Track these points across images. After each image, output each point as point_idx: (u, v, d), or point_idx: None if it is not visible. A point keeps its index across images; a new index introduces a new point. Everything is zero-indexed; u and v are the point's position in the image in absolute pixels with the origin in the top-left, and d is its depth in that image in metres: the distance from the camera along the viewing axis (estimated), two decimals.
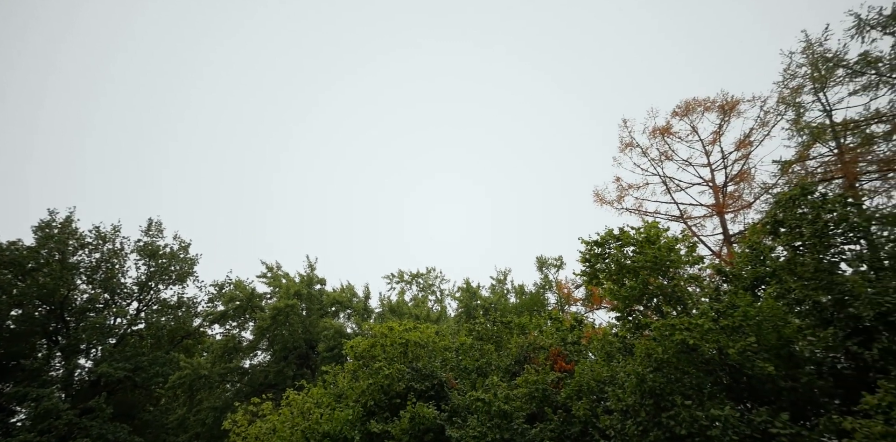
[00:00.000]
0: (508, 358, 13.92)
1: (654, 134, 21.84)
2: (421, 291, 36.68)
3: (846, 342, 6.92)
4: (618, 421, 9.14)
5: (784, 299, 8.05)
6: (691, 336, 7.90)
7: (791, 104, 18.00)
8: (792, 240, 9.10)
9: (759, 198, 18.95)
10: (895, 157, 15.00)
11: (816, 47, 17.05)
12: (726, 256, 17.64)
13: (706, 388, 7.84)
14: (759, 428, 6.58)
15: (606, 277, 11.12)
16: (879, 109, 15.90)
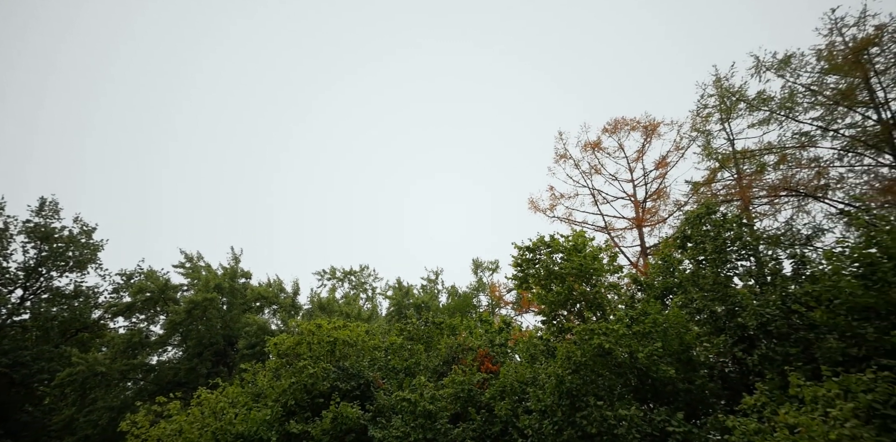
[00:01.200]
0: (437, 358, 14.09)
1: (586, 148, 23.26)
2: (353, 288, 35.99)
3: (733, 349, 7.84)
4: (536, 421, 9.59)
5: (687, 308, 8.93)
6: (607, 340, 8.50)
7: (702, 131, 20.01)
8: (697, 254, 10.12)
9: (672, 214, 20.91)
10: (781, 184, 17.23)
11: (724, 82, 19.05)
12: (642, 266, 19.23)
13: (617, 389, 8.48)
14: (658, 426, 7.24)
15: (536, 282, 11.62)
16: (770, 142, 18.19)
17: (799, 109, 17.38)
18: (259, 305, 27.16)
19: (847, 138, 16.31)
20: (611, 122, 22.78)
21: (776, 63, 17.31)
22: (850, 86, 15.99)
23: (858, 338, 6.33)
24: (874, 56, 15.44)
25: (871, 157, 15.90)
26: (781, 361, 7.02)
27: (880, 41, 15.23)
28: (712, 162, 19.20)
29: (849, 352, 6.32)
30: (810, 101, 17.09)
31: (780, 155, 17.63)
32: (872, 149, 15.63)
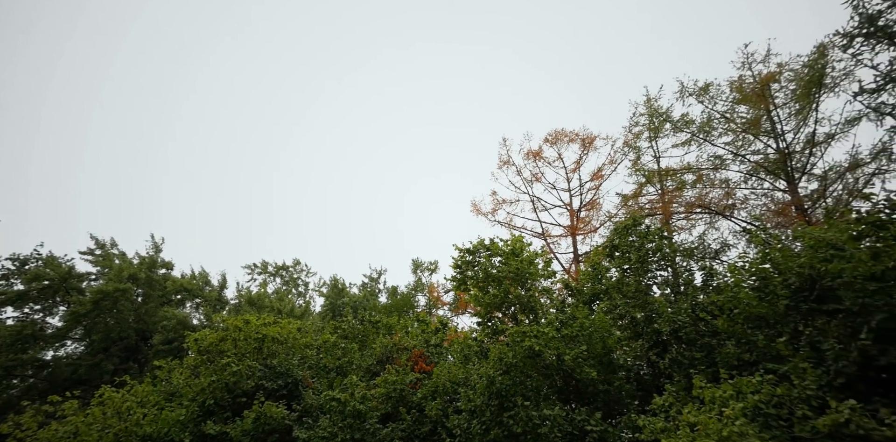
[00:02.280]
0: (371, 358, 13.96)
1: (528, 156, 24.18)
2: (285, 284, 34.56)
3: (649, 352, 8.57)
4: (465, 421, 9.83)
5: (611, 314, 9.61)
6: (538, 343, 8.93)
7: (633, 147, 21.58)
8: (622, 263, 10.91)
9: (603, 224, 22.32)
10: (696, 201, 19.04)
11: (653, 102, 20.65)
12: (574, 272, 20.37)
13: (543, 390, 8.92)
14: (578, 426, 7.74)
15: (474, 284, 11.90)
16: (690, 162, 20.03)
17: (715, 134, 19.23)
18: (180, 298, 25.29)
19: (752, 163, 18.31)
20: (552, 132, 23.84)
21: (697, 90, 19.03)
22: (756, 116, 17.96)
23: (751, 344, 7.19)
24: (775, 91, 17.46)
25: (769, 181, 17.98)
26: (688, 365, 7.80)
27: (780, 78, 17.26)
28: (640, 177, 20.73)
29: (743, 357, 7.16)
30: (724, 128, 18.97)
31: (698, 174, 19.43)
32: (771, 174, 17.68)
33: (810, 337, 6.40)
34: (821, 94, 16.27)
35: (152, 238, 25.72)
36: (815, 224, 13.30)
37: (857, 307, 6.14)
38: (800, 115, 17.04)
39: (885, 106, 14.20)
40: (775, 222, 16.82)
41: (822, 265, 6.86)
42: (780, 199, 17.54)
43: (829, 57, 15.72)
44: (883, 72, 13.90)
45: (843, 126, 16.14)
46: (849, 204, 15.15)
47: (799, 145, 17.13)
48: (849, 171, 15.88)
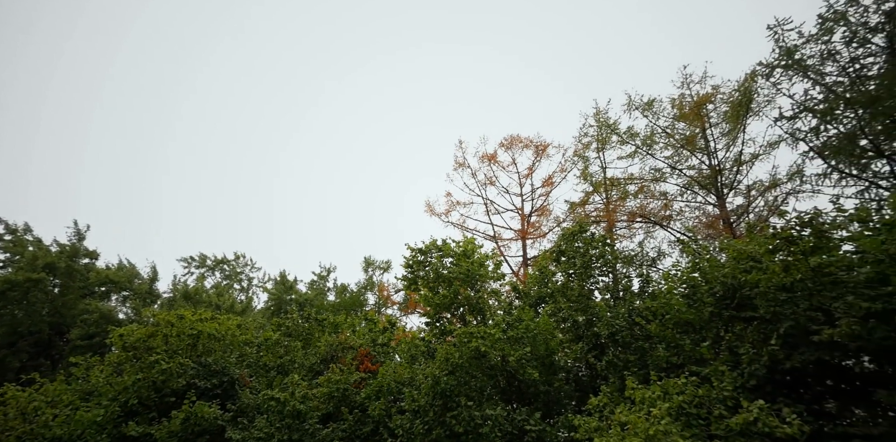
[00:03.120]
0: (315, 356, 13.64)
1: (483, 159, 24.62)
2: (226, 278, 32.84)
3: (588, 355, 9.03)
4: (408, 421, 9.86)
5: (555, 317, 10.01)
6: (484, 344, 9.13)
7: (582, 157, 22.53)
8: (568, 268, 11.38)
9: (552, 229, 23.15)
10: (637, 211, 20.23)
11: (602, 115, 21.67)
12: (522, 276, 20.98)
13: (487, 390, 9.14)
14: (518, 425, 8.01)
15: (424, 284, 11.94)
16: (633, 173, 21.24)
17: (656, 147, 20.49)
18: (105, 290, 23.36)
19: (688, 178, 19.69)
20: (507, 138, 24.41)
21: (643, 104, 20.20)
22: (692, 133, 19.34)
23: (679, 348, 7.78)
24: (710, 111, 18.90)
25: (702, 195, 19.43)
26: (622, 367, 8.29)
27: (715, 99, 18.71)
28: (588, 186, 21.69)
29: (671, 360, 7.73)
30: (665, 142, 20.26)
31: (640, 186, 20.62)
32: (704, 189, 19.11)
33: (729, 342, 7.01)
34: (748, 118, 17.80)
35: (75, 224, 23.57)
36: (738, 237, 14.55)
37: (770, 315, 6.81)
38: (730, 135, 18.53)
39: (799, 132, 15.77)
40: (706, 234, 18.22)
41: (742, 276, 7.52)
42: (710, 212, 19.02)
43: (756, 84, 17.22)
44: (798, 101, 15.46)
45: (766, 148, 17.78)
46: (767, 220, 16.70)
47: (728, 163, 18.63)
48: (768, 189, 17.49)
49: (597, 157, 21.91)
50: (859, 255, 6.93)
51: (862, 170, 14.90)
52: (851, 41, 14.32)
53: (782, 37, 15.22)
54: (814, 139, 15.44)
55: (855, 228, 7.46)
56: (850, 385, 6.24)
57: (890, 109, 13.29)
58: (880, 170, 14.47)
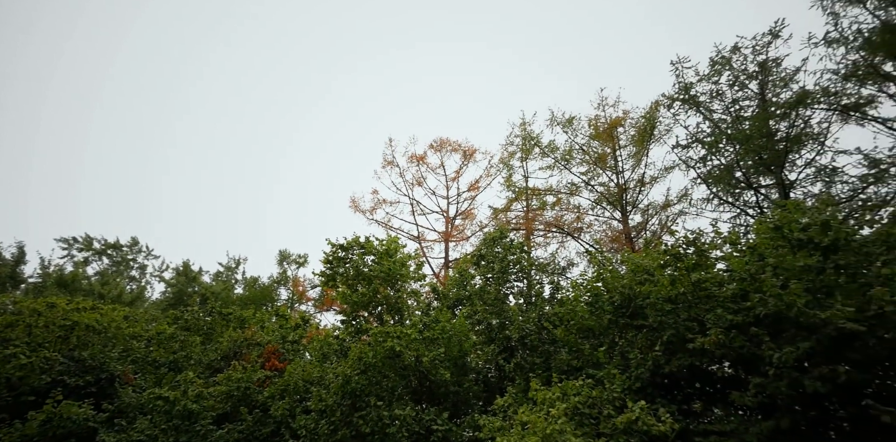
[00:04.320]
0: (216, 352, 12.70)
1: (412, 159, 24.68)
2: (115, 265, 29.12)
3: (498, 357, 9.47)
4: (313, 421, 9.60)
5: (471, 319, 10.35)
6: (399, 344, 9.16)
7: (507, 165, 23.55)
8: (487, 272, 11.83)
9: (475, 233, 23.83)
10: (553, 222, 21.61)
11: (527, 126, 22.87)
12: (442, 277, 21.31)
13: (398, 390, 9.19)
14: (425, 425, 8.17)
15: (343, 281, 11.67)
16: (552, 185, 22.67)
17: (574, 163, 22.03)
18: None
19: (598, 193, 21.42)
20: (436, 140, 24.70)
21: (564, 121, 21.63)
22: (605, 153, 21.10)
23: (580, 352, 8.48)
24: (620, 134, 20.78)
25: (609, 211, 21.26)
26: (529, 369, 8.83)
27: (625, 123, 20.62)
28: (510, 193, 22.70)
29: (572, 363, 8.40)
30: (581, 158, 21.84)
31: (557, 198, 22.03)
32: (611, 205, 20.93)
33: (622, 347, 7.79)
34: (651, 143, 19.85)
35: None
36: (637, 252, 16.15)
37: (657, 324, 7.68)
38: (635, 157, 20.50)
39: (690, 160, 17.94)
40: (610, 247, 19.97)
41: (637, 287, 8.38)
42: (615, 227, 20.88)
43: (658, 113, 19.26)
44: (691, 132, 17.60)
45: (663, 172, 19.94)
46: (661, 237, 18.75)
47: (632, 183, 20.58)
48: (662, 209, 19.64)
49: (520, 167, 23.02)
50: (729, 273, 8.08)
51: (736, 198, 17.31)
52: (734, 84, 16.60)
53: (682, 73, 17.21)
54: (701, 167, 17.65)
55: (727, 249, 8.67)
56: (713, 387, 7.27)
57: (759, 147, 15.62)
58: (749, 199, 16.94)
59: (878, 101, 14.40)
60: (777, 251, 7.20)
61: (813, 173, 15.52)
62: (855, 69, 14.41)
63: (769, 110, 15.67)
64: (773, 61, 15.84)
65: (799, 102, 15.05)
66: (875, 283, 6.08)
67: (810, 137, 15.44)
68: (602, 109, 21.00)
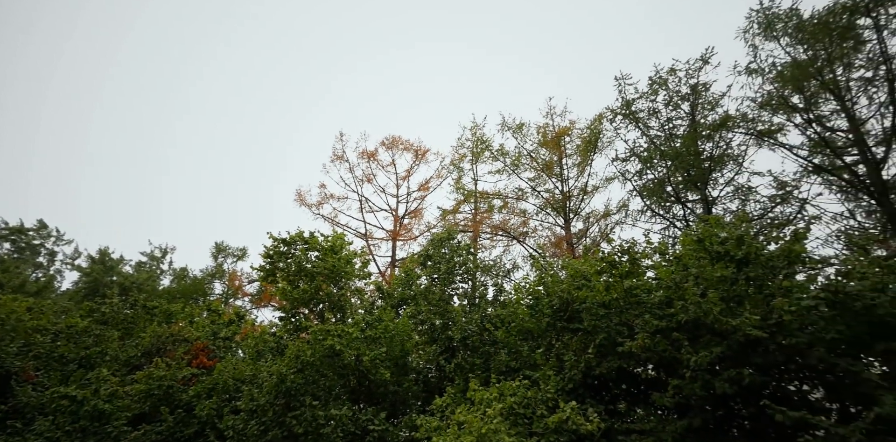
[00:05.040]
0: (136, 348, 11.78)
1: (363, 155, 24.26)
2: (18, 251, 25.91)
3: (439, 357, 9.56)
4: (242, 421, 9.20)
5: (414, 319, 10.36)
6: (340, 342, 8.98)
7: (457, 167, 23.83)
8: (433, 272, 11.89)
9: (423, 233, 23.80)
10: (500, 225, 22.15)
11: (478, 130, 23.30)
12: (388, 276, 21.11)
13: (335, 390, 9.01)
14: (362, 425, 8.08)
15: (284, 277, 11.26)
16: (500, 189, 23.23)
17: (522, 168, 22.70)
18: None
19: (544, 199, 22.23)
20: (388, 137, 24.46)
21: (514, 126, 22.26)
22: (551, 160, 21.95)
23: (518, 353, 8.76)
24: (566, 143, 21.72)
25: (553, 217, 22.13)
26: (469, 369, 8.99)
27: (571, 133, 21.58)
28: (460, 195, 22.98)
29: (510, 364, 8.66)
30: (529, 164, 22.56)
31: (504, 202, 22.59)
32: (555, 211, 21.79)
33: (558, 350, 8.15)
34: (594, 154, 20.91)
35: None
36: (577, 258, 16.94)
37: (591, 328, 8.11)
38: (580, 166, 21.50)
39: (628, 173, 19.11)
40: (552, 252, 20.77)
41: (575, 292, 8.79)
42: (558, 233, 21.75)
43: (602, 125, 20.33)
44: (630, 146, 18.76)
45: (604, 182, 21.07)
46: (599, 245, 19.79)
47: (576, 191, 21.56)
48: (602, 218, 20.75)
49: (470, 170, 23.39)
50: (657, 281, 8.68)
51: (666, 211, 18.65)
52: (669, 104, 17.91)
53: (624, 89, 18.28)
54: (637, 180, 18.85)
55: (656, 258, 9.32)
56: (637, 389, 7.80)
57: (687, 165, 16.96)
58: (678, 213, 18.32)
59: (787, 129, 16.15)
60: (699, 262, 7.83)
61: (732, 191, 17.09)
62: (769, 98, 16.06)
63: (698, 131, 17.03)
64: (702, 85, 17.22)
65: (722, 125, 16.51)
66: (777, 294, 6.79)
67: (731, 158, 16.97)
68: (550, 118, 21.80)
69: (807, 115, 15.50)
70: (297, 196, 23.27)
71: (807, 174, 15.90)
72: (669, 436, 6.25)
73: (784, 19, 15.42)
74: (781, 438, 6.10)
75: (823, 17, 14.47)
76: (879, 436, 5.06)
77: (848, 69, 14.88)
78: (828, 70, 14.86)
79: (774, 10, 15.59)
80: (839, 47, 14.49)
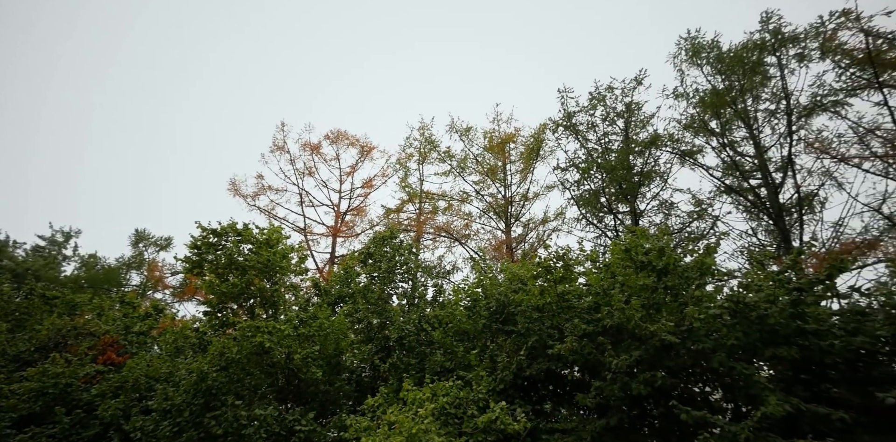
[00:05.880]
0: (30, 342, 10.49)
1: (306, 147, 23.40)
2: None
3: (374, 356, 9.46)
4: (153, 422, 8.55)
5: (351, 317, 10.16)
6: (270, 340, 8.60)
7: (404, 166, 23.74)
8: (373, 270, 11.74)
9: (365, 231, 23.41)
10: (444, 227, 22.33)
11: (426, 130, 23.40)
12: (327, 273, 20.48)
13: (262, 389, 8.62)
14: (288, 426, 7.80)
15: (212, 269, 10.58)
16: (446, 191, 23.45)
17: (468, 172, 23.09)
18: None
19: (487, 203, 22.75)
20: (333, 131, 23.82)
21: (462, 130, 22.61)
22: (496, 165, 22.55)
23: (454, 354, 8.89)
24: (511, 149, 22.43)
25: (495, 221, 22.70)
26: (403, 369, 8.98)
27: (516, 140, 22.33)
28: (404, 194, 22.89)
29: (445, 365, 8.76)
30: (474, 168, 23.01)
31: (449, 203, 22.83)
32: (497, 215, 22.38)
33: (492, 351, 8.38)
34: (536, 161, 21.76)
35: None
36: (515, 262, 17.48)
37: (524, 330, 8.42)
38: (522, 173, 22.27)
39: (567, 182, 20.09)
40: (493, 255, 21.29)
41: (512, 295, 9.08)
42: (499, 237, 22.35)
43: (545, 135, 21.23)
44: (570, 157, 19.76)
45: (544, 190, 22.00)
46: (536, 250, 20.58)
47: (518, 197, 22.29)
48: (541, 224, 21.61)
49: (417, 170, 23.39)
50: (587, 287, 9.19)
51: (599, 220, 19.82)
52: (605, 119, 19.09)
53: (566, 102, 19.23)
54: (575, 190, 19.87)
55: (588, 265, 9.86)
56: (563, 390, 8.21)
57: (620, 178, 18.16)
58: (609, 223, 19.54)
59: (706, 151, 17.83)
60: (625, 271, 8.40)
61: (657, 205, 18.53)
62: (692, 121, 17.64)
63: (630, 147, 18.28)
64: (636, 104, 18.52)
65: (652, 143, 17.86)
66: (690, 302, 7.45)
67: (658, 174, 18.41)
68: (497, 124, 22.35)
69: (722, 139, 17.19)
70: (231, 185, 21.98)
71: (720, 193, 17.62)
72: (588, 435, 6.65)
73: (707, 49, 17.00)
74: (685, 435, 6.71)
75: (738, 51, 16.14)
76: (763, 432, 5.73)
77: (756, 101, 16.71)
78: (740, 100, 16.59)
79: (699, 40, 17.13)
80: (750, 80, 16.22)
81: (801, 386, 6.69)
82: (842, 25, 13.69)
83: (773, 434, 5.76)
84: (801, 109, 15.46)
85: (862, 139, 14.05)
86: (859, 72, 13.80)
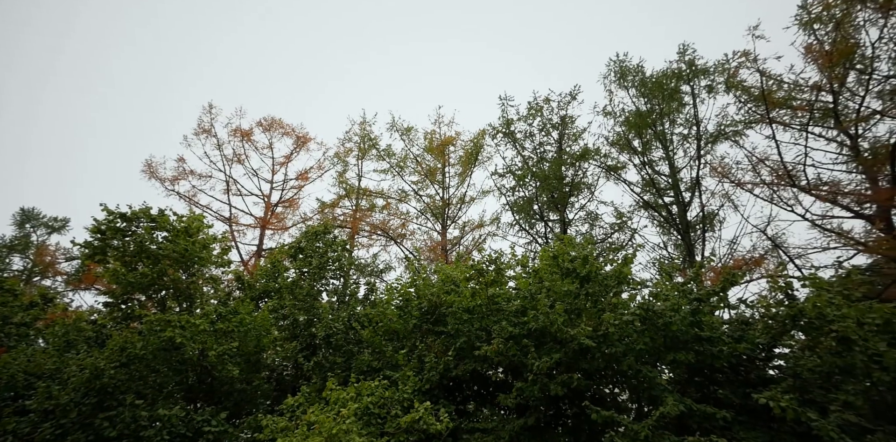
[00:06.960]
0: None
1: (236, 133, 21.97)
2: None
3: (298, 354, 9.09)
4: (30, 424, 7.57)
5: (276, 313, 9.68)
6: (182, 334, 7.95)
7: (342, 160, 23.13)
8: (303, 266, 11.30)
9: (296, 225, 22.29)
10: (380, 225, 22.02)
11: (367, 126, 23.07)
12: (252, 266, 19.26)
13: (169, 387, 7.94)
14: (195, 427, 7.26)
15: (118, 257, 9.57)
16: (384, 189, 23.18)
17: (407, 171, 23.03)
18: None
19: (424, 204, 22.81)
20: (267, 118, 22.59)
21: (404, 129, 22.55)
22: (435, 167, 22.73)
23: (382, 353, 8.79)
24: (451, 152, 22.76)
25: (432, 222, 22.82)
26: (328, 368, 8.71)
27: (456, 143, 22.69)
28: (341, 189, 22.29)
29: (373, 364, 8.64)
30: (414, 168, 23.00)
31: (386, 202, 22.58)
32: (434, 217, 22.51)
33: (421, 351, 8.40)
34: (475, 166, 22.25)
35: None
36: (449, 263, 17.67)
37: (454, 331, 8.55)
38: (461, 176, 22.63)
39: (503, 188, 20.75)
40: (427, 256, 21.33)
41: (444, 296, 9.18)
42: (434, 238, 22.44)
43: (484, 140, 21.80)
44: (507, 164, 20.44)
45: (481, 194, 22.52)
46: (471, 252, 20.99)
47: (455, 200, 22.60)
48: (476, 228, 22.07)
49: (355, 165, 22.91)
50: (516, 291, 9.54)
51: (531, 227, 20.66)
52: (542, 129, 20.02)
53: (506, 109, 19.92)
54: (510, 196, 20.56)
55: (518, 270, 10.25)
56: (487, 390, 8.44)
57: (552, 187, 19.10)
58: (540, 230, 20.44)
59: (628, 168, 19.31)
60: (552, 276, 8.83)
61: (584, 216, 19.71)
62: (618, 139, 19.04)
63: (563, 158, 19.30)
64: (570, 118, 19.61)
65: (583, 156, 18.99)
66: (607, 309, 8.01)
67: (586, 186, 19.60)
68: (438, 126, 22.54)
69: (643, 157, 18.70)
70: (147, 167, 19.96)
71: (638, 208, 19.14)
72: (507, 434, 6.89)
73: (633, 73, 18.46)
74: (593, 433, 7.20)
75: (659, 77, 17.72)
76: (660, 430, 6.30)
77: (673, 124, 18.41)
78: (659, 122, 18.18)
79: (626, 64, 18.57)
80: (668, 105, 17.85)
81: (693, 388, 7.45)
82: (742, 64, 15.46)
83: (668, 432, 6.35)
84: (709, 136, 17.25)
85: (755, 168, 15.92)
86: (755, 107, 15.67)
